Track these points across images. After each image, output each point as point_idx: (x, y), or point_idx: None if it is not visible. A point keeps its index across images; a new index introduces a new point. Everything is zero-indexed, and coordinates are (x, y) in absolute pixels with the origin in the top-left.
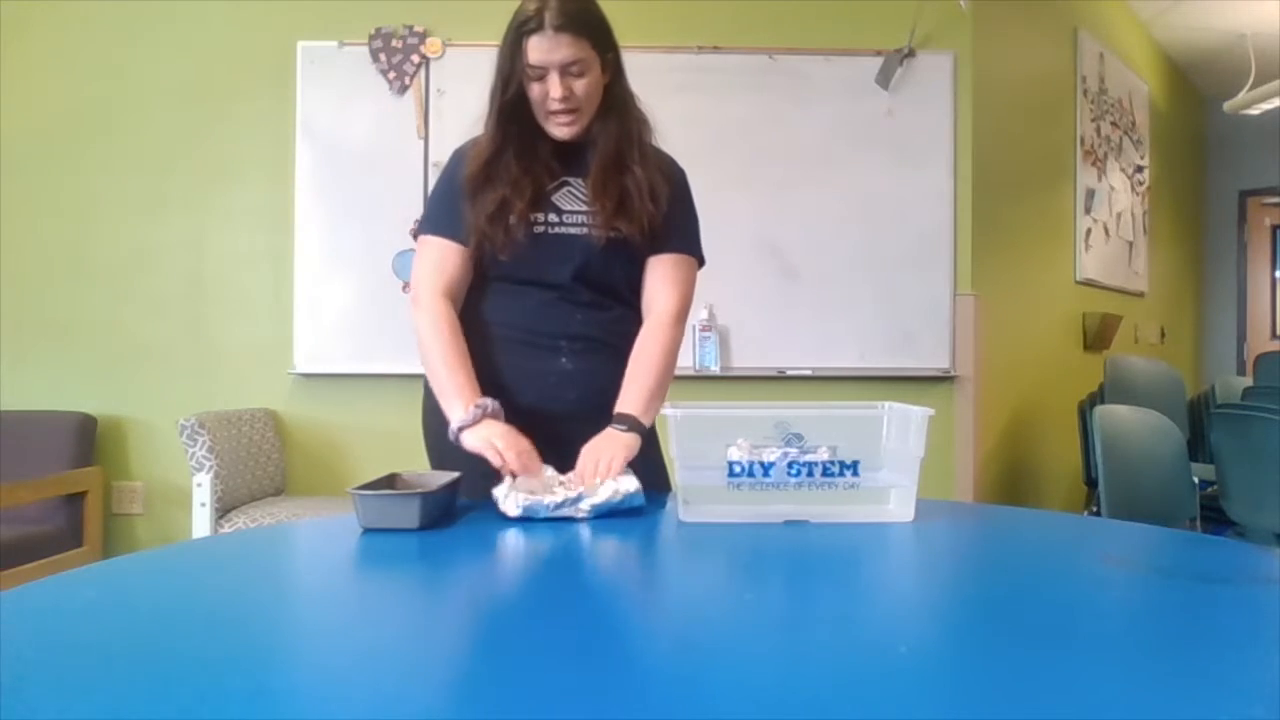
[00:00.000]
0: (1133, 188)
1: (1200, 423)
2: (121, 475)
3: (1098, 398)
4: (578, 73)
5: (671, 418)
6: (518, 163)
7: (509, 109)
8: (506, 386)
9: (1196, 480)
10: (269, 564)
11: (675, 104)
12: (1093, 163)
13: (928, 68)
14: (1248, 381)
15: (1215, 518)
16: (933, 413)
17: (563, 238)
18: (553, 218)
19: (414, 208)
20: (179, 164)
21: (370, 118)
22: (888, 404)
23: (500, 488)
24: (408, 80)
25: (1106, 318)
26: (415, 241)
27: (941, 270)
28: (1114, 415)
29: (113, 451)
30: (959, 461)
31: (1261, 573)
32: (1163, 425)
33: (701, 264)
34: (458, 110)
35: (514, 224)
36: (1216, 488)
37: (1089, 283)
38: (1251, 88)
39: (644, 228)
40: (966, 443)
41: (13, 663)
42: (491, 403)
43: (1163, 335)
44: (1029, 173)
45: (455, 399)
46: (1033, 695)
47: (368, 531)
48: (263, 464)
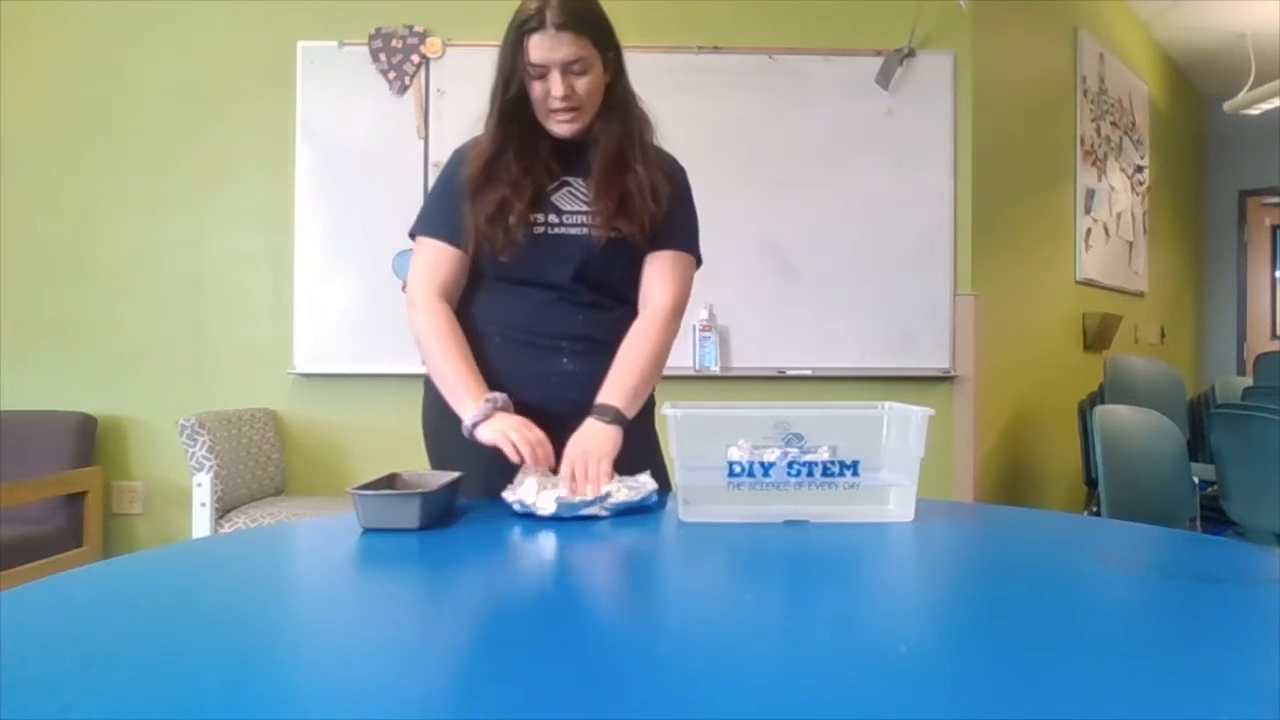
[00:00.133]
0: (1133, 188)
1: (1200, 423)
2: (121, 475)
3: (1098, 398)
4: (579, 71)
5: (671, 418)
6: (518, 163)
7: (510, 108)
8: (508, 387)
9: (1196, 480)
10: (269, 564)
11: (675, 104)
12: (1093, 163)
13: (928, 68)
14: (1248, 381)
15: (1215, 518)
16: (933, 413)
17: (562, 238)
18: (552, 218)
19: (414, 208)
20: (179, 164)
21: (370, 118)
22: (888, 404)
23: (524, 487)
24: (408, 80)
25: (1106, 318)
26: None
27: (941, 270)
28: (1114, 415)
29: (113, 451)
30: (959, 461)
31: (1261, 573)
32: (1163, 425)
33: (699, 264)
34: (458, 110)
35: (513, 225)
36: (1216, 488)
37: (1089, 283)
38: (1251, 88)
39: (644, 227)
40: (966, 443)
41: (13, 663)
42: (501, 396)
43: (1163, 335)
44: (1029, 173)
45: (464, 395)
46: (1033, 695)
47: (368, 531)
48: (263, 464)
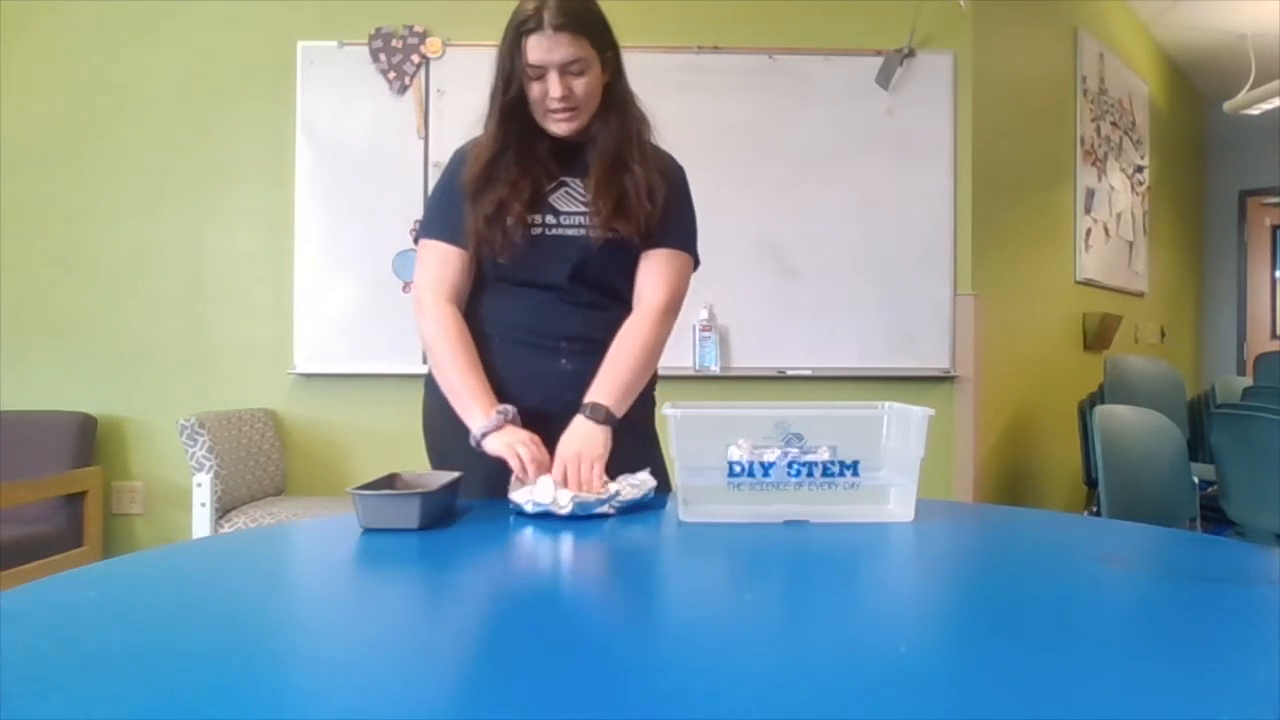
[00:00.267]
0: (1133, 188)
1: (1200, 423)
2: (121, 475)
3: (1098, 398)
4: (577, 71)
5: (671, 418)
6: (517, 164)
7: (510, 109)
8: (507, 388)
9: (1196, 480)
10: (269, 564)
11: (675, 104)
12: (1093, 163)
13: (928, 68)
14: (1248, 381)
15: (1215, 518)
16: (933, 413)
17: (560, 239)
18: (550, 219)
19: (414, 208)
20: (179, 164)
21: (370, 118)
22: (888, 404)
23: (540, 487)
24: (408, 80)
25: (1106, 318)
26: (415, 244)
27: (942, 270)
28: (1114, 415)
29: (113, 451)
30: (959, 461)
31: (1261, 573)
32: (1163, 425)
33: (697, 264)
34: (458, 110)
35: (511, 226)
36: (1216, 488)
37: (1089, 283)
38: (1251, 88)
39: (641, 227)
40: (966, 443)
41: (13, 663)
42: (511, 409)
43: (1163, 335)
44: (1029, 173)
45: (473, 404)
46: (1033, 695)
47: (368, 531)
48: (263, 464)
